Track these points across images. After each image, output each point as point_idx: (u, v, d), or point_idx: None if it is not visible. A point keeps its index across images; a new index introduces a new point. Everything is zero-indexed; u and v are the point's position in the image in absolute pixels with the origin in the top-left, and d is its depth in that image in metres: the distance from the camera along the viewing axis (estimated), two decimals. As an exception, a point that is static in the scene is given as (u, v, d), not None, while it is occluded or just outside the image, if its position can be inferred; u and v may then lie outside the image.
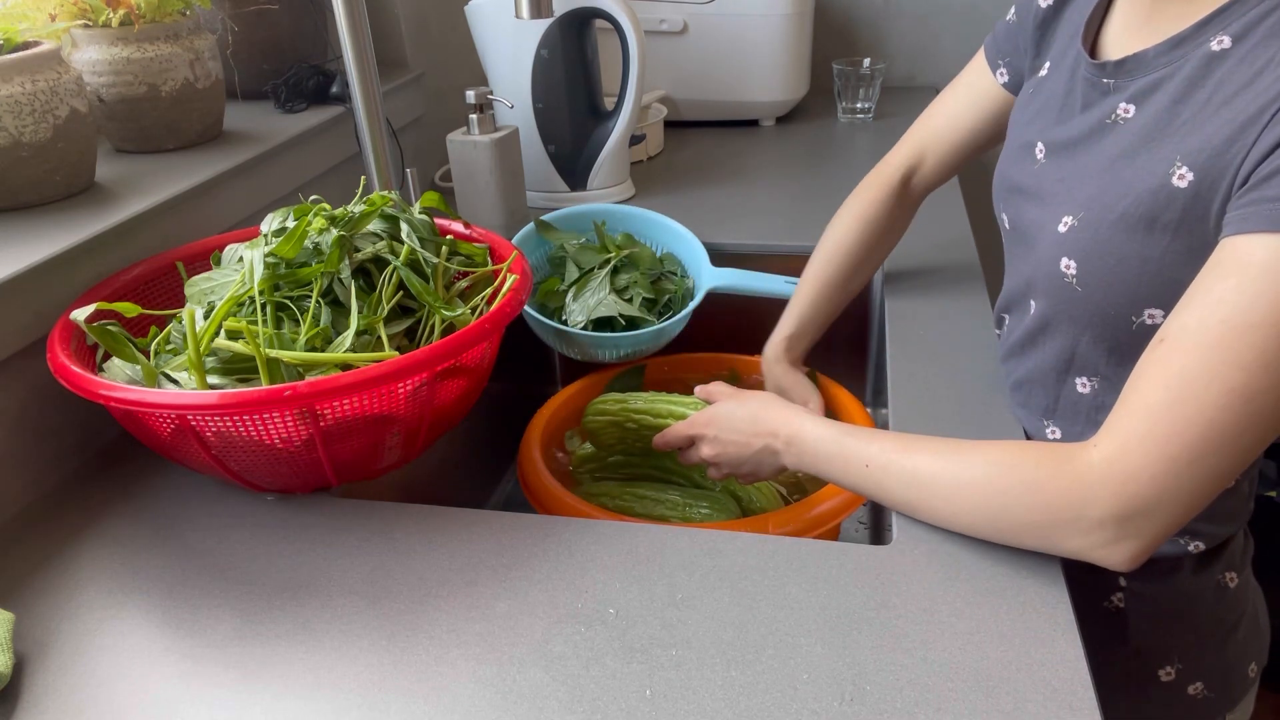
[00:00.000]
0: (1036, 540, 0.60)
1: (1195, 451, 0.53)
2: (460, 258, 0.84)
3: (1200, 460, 0.53)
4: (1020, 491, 0.59)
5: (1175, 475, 0.53)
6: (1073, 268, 0.65)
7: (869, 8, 1.82)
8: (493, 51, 1.28)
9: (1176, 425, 0.53)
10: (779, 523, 0.77)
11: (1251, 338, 0.51)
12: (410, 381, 0.69)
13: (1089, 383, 0.70)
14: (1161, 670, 0.75)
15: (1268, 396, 0.51)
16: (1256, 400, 0.51)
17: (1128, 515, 0.55)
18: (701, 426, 0.81)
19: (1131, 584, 0.74)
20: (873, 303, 1.17)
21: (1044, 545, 0.60)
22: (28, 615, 0.64)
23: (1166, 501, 0.54)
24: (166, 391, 0.67)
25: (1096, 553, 0.57)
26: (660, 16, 1.54)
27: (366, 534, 0.70)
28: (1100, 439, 0.56)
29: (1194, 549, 0.71)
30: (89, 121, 0.90)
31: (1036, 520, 0.58)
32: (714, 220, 1.23)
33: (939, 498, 0.63)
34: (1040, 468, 0.58)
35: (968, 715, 0.53)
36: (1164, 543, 0.58)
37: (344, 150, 1.19)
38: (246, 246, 0.75)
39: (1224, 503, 0.71)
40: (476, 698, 0.56)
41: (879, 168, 0.94)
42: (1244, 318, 0.51)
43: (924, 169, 0.92)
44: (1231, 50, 0.57)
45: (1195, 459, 0.53)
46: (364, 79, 1.02)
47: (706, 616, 0.60)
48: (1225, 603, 0.74)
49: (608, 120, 1.30)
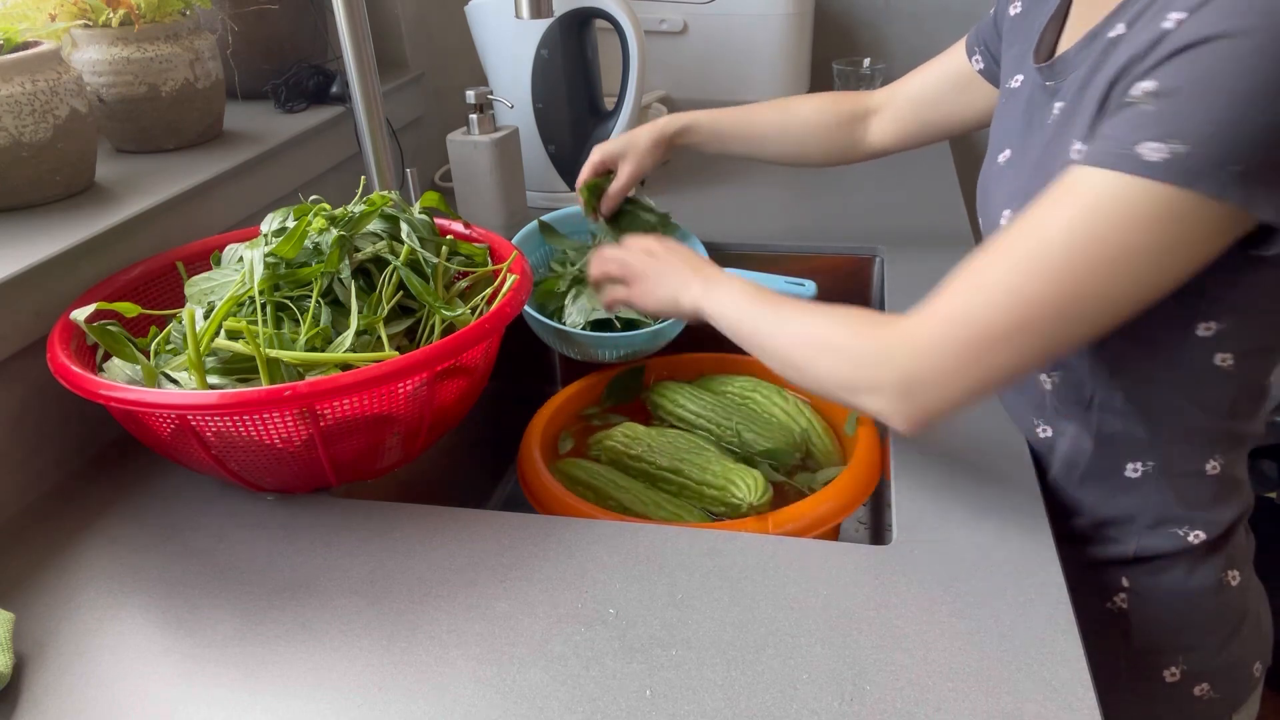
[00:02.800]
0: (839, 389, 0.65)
1: (973, 338, 0.58)
2: (460, 258, 0.84)
3: (975, 348, 0.58)
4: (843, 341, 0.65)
5: (954, 356, 0.59)
6: None
7: (869, 8, 1.82)
8: (493, 51, 1.28)
9: (967, 314, 0.58)
10: (779, 523, 0.77)
11: (1042, 250, 0.56)
12: (410, 381, 0.69)
13: (1050, 377, 0.73)
14: (1166, 671, 0.75)
15: (1042, 307, 0.56)
16: (1032, 307, 0.56)
17: (908, 381, 0.60)
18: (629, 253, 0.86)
19: (1134, 584, 0.74)
20: (872, 303, 1.17)
21: (847, 398, 0.65)
22: (28, 615, 0.64)
23: (942, 378, 0.60)
24: (166, 391, 0.67)
25: (884, 411, 0.62)
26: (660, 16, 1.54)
27: (366, 534, 0.70)
28: (913, 312, 0.62)
29: (1194, 539, 0.71)
30: (89, 121, 0.90)
31: (843, 369, 0.65)
32: (714, 220, 1.23)
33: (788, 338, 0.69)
34: (865, 323, 0.65)
35: (968, 715, 0.53)
36: (1161, 540, 0.61)
37: (344, 150, 1.20)
38: (246, 246, 0.75)
39: (1216, 488, 0.71)
40: (476, 698, 0.56)
41: (858, 92, 1.04)
42: (1042, 231, 0.56)
43: (882, 114, 0.99)
44: (1125, 35, 0.60)
45: (971, 344, 0.58)
46: (364, 79, 1.02)
47: (706, 616, 0.60)
48: (1228, 602, 0.74)
49: (608, 120, 1.30)
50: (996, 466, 0.73)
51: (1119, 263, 0.55)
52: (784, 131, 1.03)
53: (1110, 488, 0.72)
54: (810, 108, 1.02)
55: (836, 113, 1.01)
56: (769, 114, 1.04)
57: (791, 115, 1.03)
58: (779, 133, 1.03)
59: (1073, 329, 0.57)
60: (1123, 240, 0.54)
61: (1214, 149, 0.51)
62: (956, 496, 0.70)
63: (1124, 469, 0.71)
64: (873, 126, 1.00)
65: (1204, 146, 0.51)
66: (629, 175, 1.00)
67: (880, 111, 1.00)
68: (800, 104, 1.04)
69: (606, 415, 1.02)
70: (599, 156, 1.02)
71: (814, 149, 1.03)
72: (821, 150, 1.03)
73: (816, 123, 1.02)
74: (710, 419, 0.97)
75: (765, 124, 1.04)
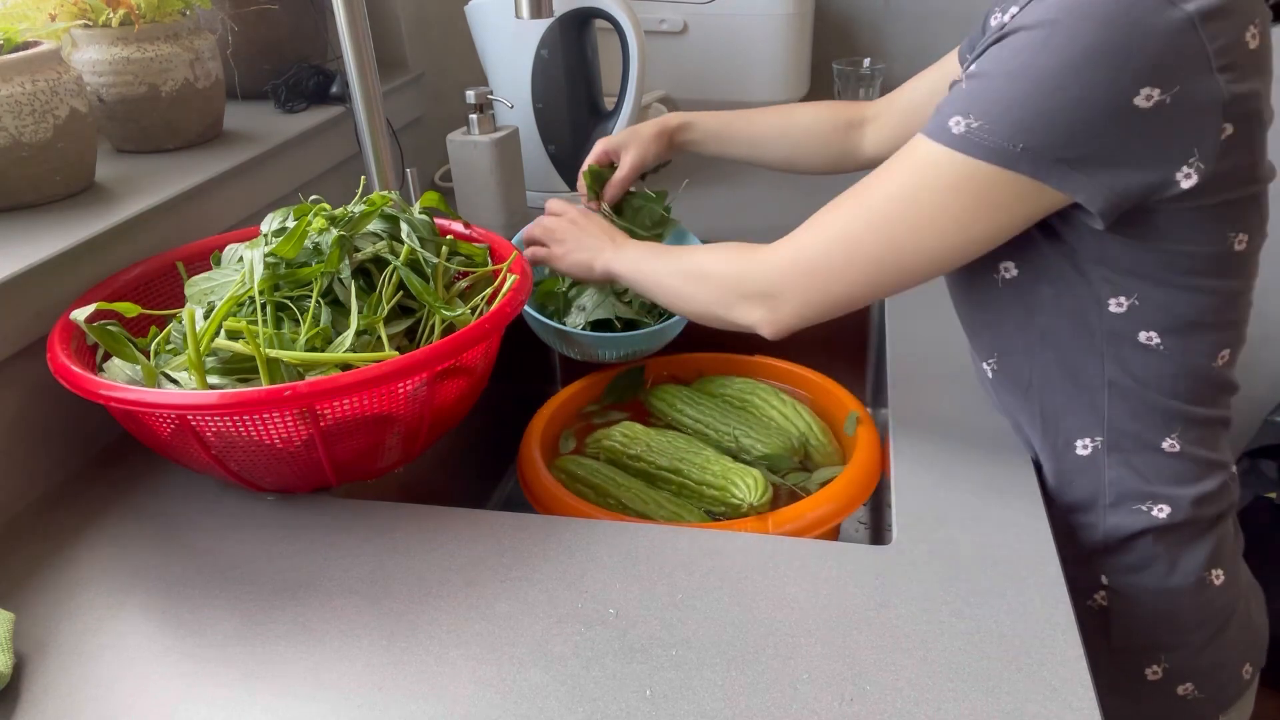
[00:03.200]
0: (715, 307, 0.78)
1: (817, 269, 0.70)
2: (460, 258, 0.84)
3: (818, 277, 0.70)
4: (719, 270, 0.78)
5: (802, 278, 0.71)
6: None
7: (869, 8, 1.82)
8: (493, 51, 1.28)
9: (811, 246, 0.71)
10: (779, 523, 0.77)
11: (868, 199, 0.67)
12: (410, 381, 0.69)
13: (988, 364, 0.77)
14: (1148, 670, 0.75)
15: (865, 247, 0.67)
16: (856, 248, 0.68)
17: (769, 296, 0.73)
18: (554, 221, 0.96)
19: (1113, 582, 0.74)
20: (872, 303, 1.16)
21: (722, 313, 0.78)
22: (28, 615, 0.64)
23: (795, 295, 0.72)
24: (166, 391, 0.67)
25: (752, 320, 0.75)
26: (660, 16, 1.54)
27: (366, 534, 0.70)
28: (778, 243, 0.74)
29: (1159, 513, 0.71)
30: (89, 121, 0.90)
31: (716, 295, 0.78)
32: (714, 220, 1.23)
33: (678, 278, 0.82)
34: (728, 255, 0.78)
35: (968, 715, 0.53)
36: (1126, 518, 0.67)
37: (344, 150, 1.19)
38: (246, 246, 0.75)
39: (1177, 466, 0.70)
40: (476, 698, 0.56)
41: (857, 102, 1.06)
42: (874, 185, 0.67)
43: (873, 125, 1.01)
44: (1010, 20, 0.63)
45: (816, 274, 0.70)
46: (364, 79, 1.02)
47: (706, 616, 0.60)
48: (1211, 601, 0.74)
49: (608, 120, 1.30)
50: (996, 467, 0.74)
51: (926, 220, 0.64)
52: (782, 134, 1.05)
53: (1066, 468, 0.73)
54: (809, 115, 1.04)
55: (833, 120, 1.03)
56: (769, 117, 1.06)
57: (790, 120, 1.05)
58: (778, 135, 1.05)
59: (891, 273, 0.68)
60: (931, 200, 0.63)
61: (1003, 126, 0.59)
62: (956, 496, 0.70)
63: (1074, 446, 0.72)
64: (868, 135, 1.02)
65: (995, 123, 0.59)
66: (631, 164, 1.03)
67: (875, 120, 1.01)
68: (800, 110, 1.06)
69: (606, 412, 1.02)
70: (603, 147, 1.04)
71: (810, 155, 1.05)
72: (818, 156, 1.04)
73: (814, 129, 1.03)
74: (708, 424, 0.97)
75: (765, 126, 1.05)
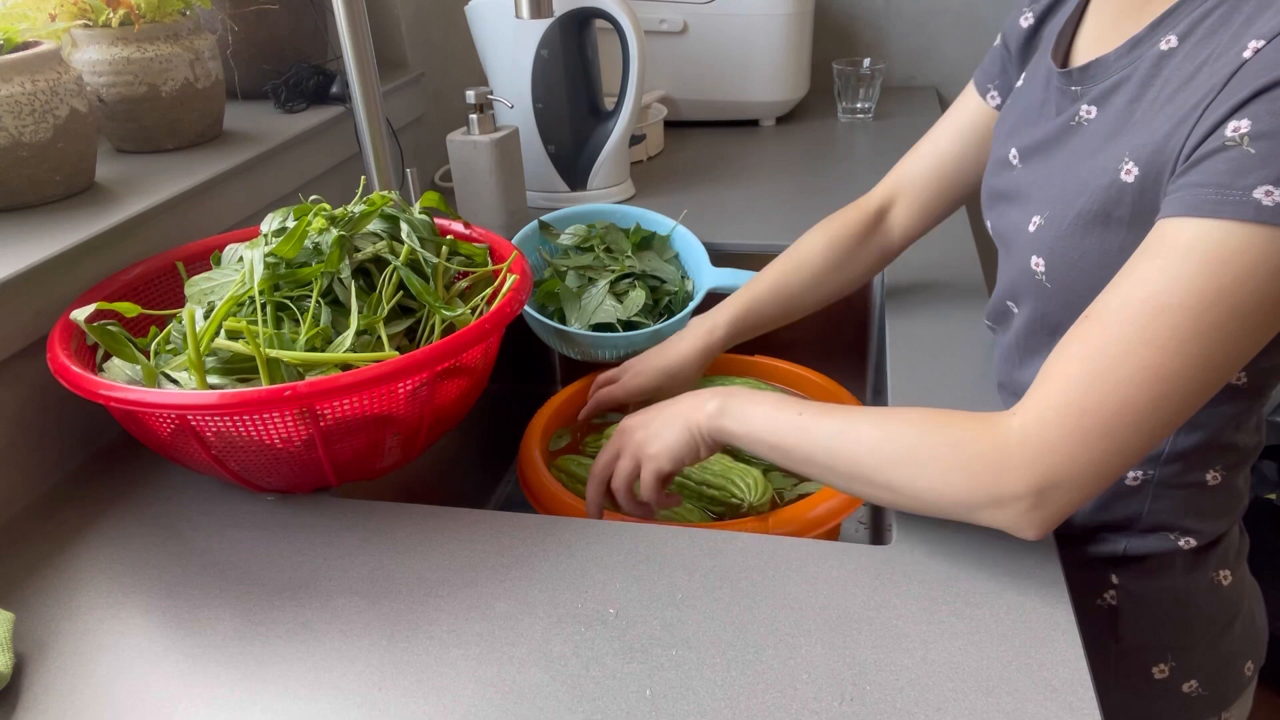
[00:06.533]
0: (954, 506, 0.59)
1: (1108, 426, 0.54)
2: (460, 258, 0.84)
3: (1112, 435, 0.54)
4: (943, 452, 0.59)
5: (1088, 448, 0.54)
6: (1041, 265, 0.66)
7: (869, 8, 1.82)
8: (493, 51, 1.28)
9: (1091, 399, 0.54)
10: (779, 523, 0.77)
11: (1168, 318, 0.52)
12: (410, 381, 0.69)
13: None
14: (1155, 668, 0.75)
15: (1179, 377, 0.53)
16: (1170, 380, 0.53)
17: (1042, 487, 0.55)
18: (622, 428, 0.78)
19: (1123, 582, 0.74)
20: (873, 303, 1.17)
21: (961, 513, 0.59)
22: (28, 615, 0.64)
23: (1078, 475, 0.55)
24: (166, 391, 0.67)
25: (1012, 524, 0.58)
26: (660, 16, 1.54)
27: (366, 534, 0.70)
28: (1019, 409, 0.57)
29: (1185, 545, 0.71)
30: (89, 121, 0.90)
31: (954, 484, 0.58)
32: (714, 220, 1.23)
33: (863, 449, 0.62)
34: (964, 430, 0.58)
35: (968, 715, 0.53)
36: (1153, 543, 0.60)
37: (344, 150, 1.20)
38: (246, 246, 0.75)
39: (1215, 499, 0.71)
40: (476, 698, 0.56)
41: (857, 200, 0.93)
42: (1162, 298, 0.52)
43: (900, 203, 0.91)
44: (1177, 49, 0.59)
45: (1108, 433, 0.54)
46: (364, 79, 1.02)
47: (706, 616, 0.60)
48: (1218, 601, 0.74)
49: (608, 120, 1.30)
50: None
51: (1250, 315, 0.52)
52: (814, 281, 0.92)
53: (1109, 494, 0.72)
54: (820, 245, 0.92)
55: (848, 230, 0.92)
56: (788, 278, 0.93)
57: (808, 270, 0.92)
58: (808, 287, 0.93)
59: (1208, 391, 0.54)
60: (1254, 290, 0.51)
61: None
62: (956, 496, 0.70)
63: (1125, 477, 0.71)
64: (896, 219, 0.92)
65: None
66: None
67: (900, 200, 0.91)
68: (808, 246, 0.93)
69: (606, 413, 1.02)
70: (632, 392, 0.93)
71: (848, 276, 0.93)
72: (855, 271, 0.93)
73: (834, 256, 0.92)
74: None
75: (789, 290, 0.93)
